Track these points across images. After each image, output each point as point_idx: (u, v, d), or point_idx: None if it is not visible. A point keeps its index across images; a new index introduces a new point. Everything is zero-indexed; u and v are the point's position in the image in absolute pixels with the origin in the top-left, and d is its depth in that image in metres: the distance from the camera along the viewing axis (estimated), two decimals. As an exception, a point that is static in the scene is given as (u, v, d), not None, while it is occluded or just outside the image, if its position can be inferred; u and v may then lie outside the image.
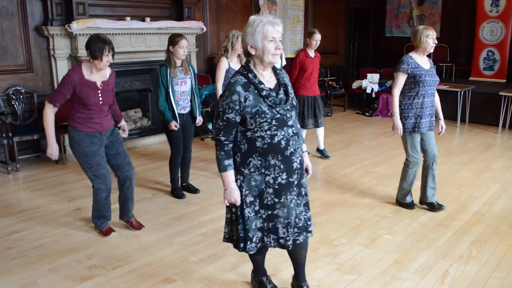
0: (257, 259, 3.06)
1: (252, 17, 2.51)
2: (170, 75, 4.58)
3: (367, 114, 9.78)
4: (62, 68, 6.47)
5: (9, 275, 3.40)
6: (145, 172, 5.85)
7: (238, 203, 2.64)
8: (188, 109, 4.83)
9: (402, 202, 4.71)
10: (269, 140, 2.54)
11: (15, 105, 6.16)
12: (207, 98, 7.67)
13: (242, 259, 3.63)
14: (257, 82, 2.51)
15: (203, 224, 4.31)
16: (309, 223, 2.81)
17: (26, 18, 6.16)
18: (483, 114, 8.63)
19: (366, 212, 4.60)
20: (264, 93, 2.50)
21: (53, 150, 3.73)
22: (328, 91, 9.98)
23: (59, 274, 3.43)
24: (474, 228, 4.22)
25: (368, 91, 9.85)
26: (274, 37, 2.46)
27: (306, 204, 2.80)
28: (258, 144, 2.55)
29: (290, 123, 2.59)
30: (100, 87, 3.71)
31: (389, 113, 9.55)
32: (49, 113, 3.65)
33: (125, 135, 4.13)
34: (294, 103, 2.64)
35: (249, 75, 2.52)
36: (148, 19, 7.13)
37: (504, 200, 4.92)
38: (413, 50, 4.40)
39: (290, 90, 2.64)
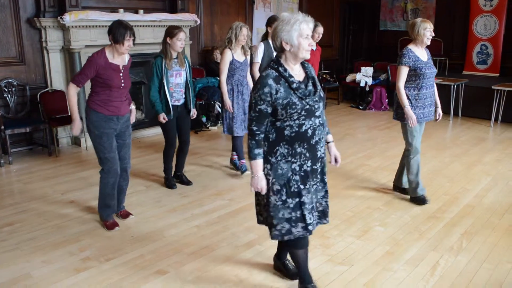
0: (299, 254, 3.04)
1: (286, 15, 2.67)
2: (165, 66, 4.57)
3: (360, 107, 9.81)
4: (54, 60, 6.45)
5: (2, 267, 3.41)
6: (139, 164, 5.85)
7: (264, 191, 2.76)
8: (182, 101, 4.83)
9: (413, 196, 4.65)
10: (297, 129, 2.68)
11: (7, 98, 6.13)
12: (201, 91, 7.66)
13: (235, 250, 3.66)
14: (287, 75, 2.65)
15: (196, 216, 4.33)
16: (328, 210, 2.97)
17: (18, 10, 6.12)
18: (476, 108, 8.67)
19: (359, 204, 4.63)
20: (294, 85, 2.64)
21: (77, 126, 3.87)
22: (322, 84, 9.98)
23: (53, 266, 3.44)
24: (464, 220, 4.26)
25: (362, 84, 9.86)
26: (308, 35, 2.63)
27: (327, 192, 2.94)
28: (286, 132, 2.69)
29: (317, 113, 2.72)
30: (122, 71, 3.88)
31: (383, 107, 9.59)
32: (74, 92, 3.80)
33: (131, 118, 4.20)
34: (322, 95, 2.78)
35: (280, 68, 2.66)
36: (141, 11, 7.10)
37: (495, 193, 4.97)
38: (410, 42, 4.46)
39: (318, 83, 2.79)
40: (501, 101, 8.10)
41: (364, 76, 9.91)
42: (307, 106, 2.65)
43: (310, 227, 2.81)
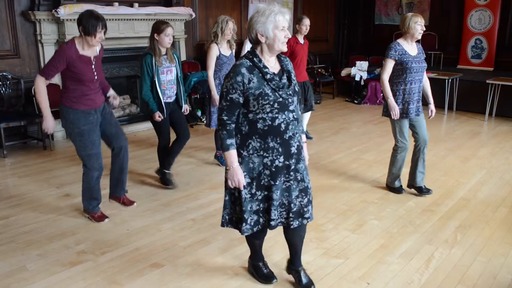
0: (255, 243, 3.10)
1: (261, 6, 2.62)
2: (155, 64, 4.45)
3: (355, 101, 9.81)
4: (49, 54, 6.39)
5: (-3, 261, 3.41)
6: (134, 158, 5.83)
7: (241, 185, 2.67)
8: (174, 98, 4.74)
9: (391, 186, 4.79)
10: (269, 122, 2.62)
11: (2, 91, 6.09)
12: (196, 85, 7.64)
13: (230, 244, 3.67)
14: (261, 66, 2.61)
15: (192, 210, 4.33)
16: (305, 209, 2.82)
17: (12, 2, 6.07)
18: (470, 102, 8.70)
19: (354, 198, 4.65)
20: (268, 76, 2.60)
21: (48, 123, 3.71)
22: (317, 79, 9.99)
23: (48, 259, 3.43)
24: (459, 214, 4.29)
25: (357, 78, 9.86)
26: (284, 26, 2.58)
27: (303, 190, 2.80)
28: (259, 125, 2.63)
29: (291, 108, 2.68)
30: (94, 62, 3.71)
31: (378, 101, 9.59)
32: (42, 85, 3.62)
33: (116, 102, 4.09)
34: (296, 89, 2.74)
35: (255, 59, 2.62)
36: (136, 4, 7.06)
37: (489, 186, 4.99)
38: (401, 36, 4.45)
39: (293, 77, 2.73)
40: (496, 95, 8.13)
41: (359, 70, 9.92)
42: (280, 99, 2.61)
43: (272, 223, 2.76)
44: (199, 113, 7.82)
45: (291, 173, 2.75)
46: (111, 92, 4.09)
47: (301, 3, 10.69)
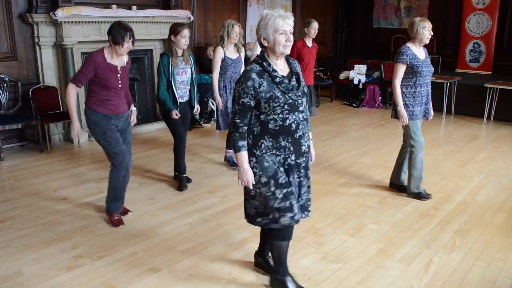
0: (282, 246, 3.05)
1: (264, 11, 2.72)
2: (171, 64, 4.57)
3: (354, 105, 9.81)
4: (47, 56, 6.40)
5: (-7, 265, 3.38)
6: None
7: (250, 184, 2.76)
8: (185, 98, 4.84)
9: (417, 193, 4.66)
10: (280, 123, 2.71)
11: (-1, 94, 6.08)
12: (194, 88, 7.62)
13: (228, 248, 3.65)
14: (271, 70, 2.69)
15: (190, 214, 4.31)
16: (309, 203, 2.98)
17: (9, 5, 6.05)
18: (468, 105, 8.71)
19: (352, 202, 4.63)
20: (277, 79, 2.68)
21: (75, 126, 3.86)
22: (316, 82, 9.96)
23: (44, 263, 3.41)
24: (458, 218, 4.27)
25: (355, 82, 9.86)
26: (285, 30, 2.65)
27: (309, 187, 2.96)
28: (270, 126, 2.72)
29: (301, 108, 2.76)
30: (120, 71, 3.87)
31: (376, 104, 9.59)
32: (73, 93, 3.79)
33: (133, 120, 4.26)
34: (305, 90, 2.81)
35: (264, 63, 2.71)
36: (134, 7, 7.05)
37: (488, 190, 4.98)
38: (408, 41, 4.52)
39: (302, 78, 2.81)
40: (494, 99, 8.13)
41: (358, 73, 9.92)
42: (290, 101, 2.69)
43: (297, 217, 2.83)
44: (197, 116, 7.79)
45: (302, 170, 2.86)
46: (133, 108, 4.26)
47: (299, 7, 10.69)
